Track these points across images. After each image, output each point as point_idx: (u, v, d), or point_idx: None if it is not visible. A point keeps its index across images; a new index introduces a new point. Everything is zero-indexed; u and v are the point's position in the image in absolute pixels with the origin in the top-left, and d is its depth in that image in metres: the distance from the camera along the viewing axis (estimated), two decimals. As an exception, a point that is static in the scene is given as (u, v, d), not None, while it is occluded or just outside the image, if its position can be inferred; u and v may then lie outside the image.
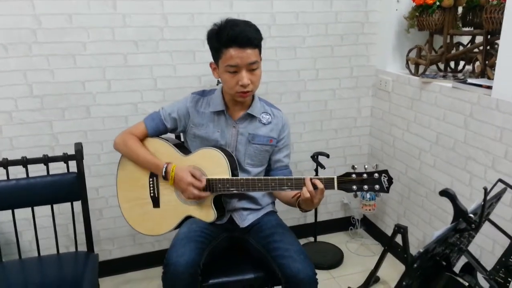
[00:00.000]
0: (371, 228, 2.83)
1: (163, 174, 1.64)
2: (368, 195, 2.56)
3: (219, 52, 1.58)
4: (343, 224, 2.87)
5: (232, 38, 1.53)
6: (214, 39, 1.59)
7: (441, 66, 2.35)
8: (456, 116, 2.01)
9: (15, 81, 2.06)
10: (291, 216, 2.72)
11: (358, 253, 2.65)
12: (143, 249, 2.50)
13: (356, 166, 1.50)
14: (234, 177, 1.61)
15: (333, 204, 2.83)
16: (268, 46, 2.38)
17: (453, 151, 2.06)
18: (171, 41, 2.22)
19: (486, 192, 1.05)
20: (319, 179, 1.50)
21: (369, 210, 2.61)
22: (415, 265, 0.92)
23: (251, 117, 1.72)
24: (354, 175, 1.48)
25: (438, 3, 2.15)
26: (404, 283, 0.93)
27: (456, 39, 2.35)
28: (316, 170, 2.48)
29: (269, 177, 1.58)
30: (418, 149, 2.31)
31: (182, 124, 1.74)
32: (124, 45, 2.16)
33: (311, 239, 2.75)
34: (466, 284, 1.05)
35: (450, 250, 1.10)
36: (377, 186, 1.48)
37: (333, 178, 1.50)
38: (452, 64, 2.35)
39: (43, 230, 2.20)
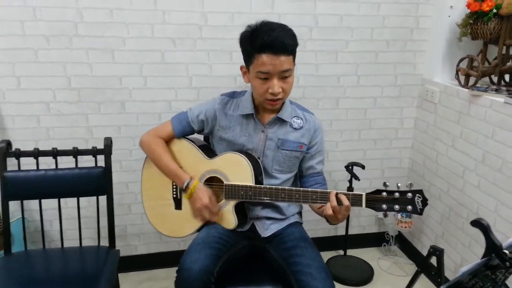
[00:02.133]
0: (406, 246, 2.68)
1: (183, 188, 1.60)
2: (399, 215, 2.42)
3: (251, 56, 1.50)
4: (376, 240, 2.73)
5: (266, 44, 1.44)
6: (247, 43, 1.52)
7: (495, 79, 2.17)
8: (507, 134, 1.84)
9: (55, 73, 2.10)
10: (320, 227, 2.62)
11: (390, 272, 2.50)
12: (169, 248, 2.49)
13: (388, 184, 1.40)
14: (257, 185, 1.54)
15: (366, 218, 2.70)
16: (308, 49, 2.29)
17: (500, 172, 1.89)
18: (209, 40, 2.19)
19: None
20: (346, 194, 1.41)
21: (405, 227, 2.46)
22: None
23: (281, 121, 1.65)
24: (384, 193, 1.38)
25: (495, 11, 1.99)
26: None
27: (514, 50, 2.17)
28: (350, 181, 2.37)
29: (293, 188, 1.50)
30: (462, 167, 2.14)
31: (209, 126, 1.70)
32: (162, 42, 2.15)
33: (341, 252, 2.63)
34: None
35: (481, 285, 0.98)
36: (409, 207, 1.37)
37: (361, 195, 1.40)
38: (507, 77, 2.17)
39: (72, 221, 2.22)
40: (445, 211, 2.29)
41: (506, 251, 0.91)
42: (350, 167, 2.35)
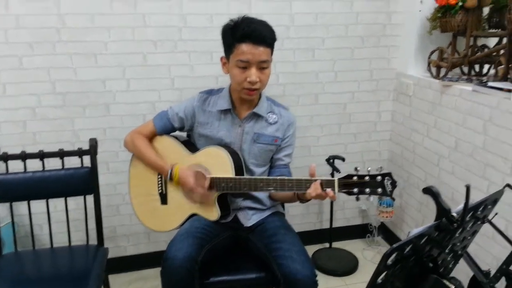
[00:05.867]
0: (388, 236, 2.76)
1: (169, 177, 1.67)
2: (371, 199, 2.47)
3: (232, 46, 1.59)
4: (360, 231, 2.81)
5: (247, 33, 1.54)
6: (228, 34, 1.60)
7: (466, 70, 2.27)
8: (475, 121, 1.93)
9: (39, 78, 2.14)
10: (306, 221, 2.69)
11: (374, 261, 2.58)
12: (158, 247, 2.53)
13: (358, 168, 1.46)
14: (236, 177, 1.61)
15: (350, 210, 2.77)
16: (286, 48, 2.37)
17: (472, 158, 1.98)
18: (189, 42, 2.25)
19: (468, 190, 1.02)
20: (320, 180, 1.47)
21: (387, 217, 2.54)
22: (389, 262, 0.89)
23: (257, 116, 1.72)
24: (355, 177, 1.44)
25: (461, 4, 2.08)
26: (379, 281, 0.90)
27: (483, 41, 2.27)
28: (332, 175, 2.44)
29: (270, 177, 1.57)
30: (437, 156, 2.23)
31: (188, 123, 1.76)
32: (143, 44, 2.21)
33: (326, 245, 2.70)
34: (453, 287, 1.01)
35: (439, 252, 1.06)
36: (379, 190, 1.43)
37: (333, 180, 1.46)
38: (477, 67, 2.26)
39: (61, 224, 2.26)
40: (423, 199, 2.38)
41: (454, 214, 0.99)
42: (331, 160, 2.43)
